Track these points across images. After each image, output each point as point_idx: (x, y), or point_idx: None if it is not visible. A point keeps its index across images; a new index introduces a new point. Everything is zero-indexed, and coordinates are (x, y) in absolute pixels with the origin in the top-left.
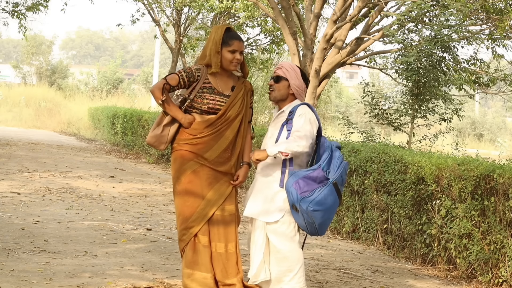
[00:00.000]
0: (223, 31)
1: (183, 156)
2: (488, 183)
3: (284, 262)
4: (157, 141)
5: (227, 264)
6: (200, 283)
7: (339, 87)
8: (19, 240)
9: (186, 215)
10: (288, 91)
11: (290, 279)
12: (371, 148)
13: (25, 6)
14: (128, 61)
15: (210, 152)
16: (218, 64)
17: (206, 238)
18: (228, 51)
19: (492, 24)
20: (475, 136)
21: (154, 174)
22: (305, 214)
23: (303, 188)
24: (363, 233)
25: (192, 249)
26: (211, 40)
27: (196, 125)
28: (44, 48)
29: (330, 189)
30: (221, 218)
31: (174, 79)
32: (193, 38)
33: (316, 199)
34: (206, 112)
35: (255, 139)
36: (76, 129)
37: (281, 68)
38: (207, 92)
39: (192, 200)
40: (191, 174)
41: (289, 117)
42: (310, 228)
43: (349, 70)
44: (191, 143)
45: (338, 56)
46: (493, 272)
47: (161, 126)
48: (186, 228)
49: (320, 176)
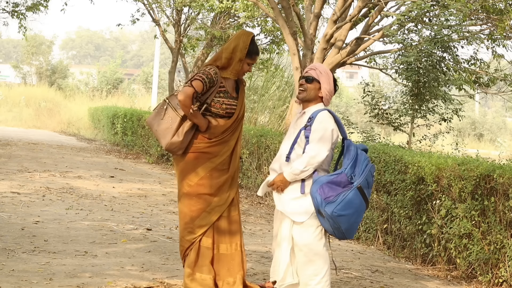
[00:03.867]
0: (249, 41)
1: (197, 158)
2: (488, 183)
3: (310, 265)
4: (177, 147)
5: (232, 264)
6: (200, 284)
7: (339, 87)
8: (19, 240)
9: (193, 216)
10: (317, 94)
11: (317, 282)
12: (371, 148)
13: (25, 6)
14: (128, 61)
15: (218, 157)
16: (238, 71)
17: (210, 240)
18: (247, 63)
19: (492, 24)
20: (475, 136)
21: (154, 174)
22: (330, 220)
23: (328, 193)
24: (363, 233)
25: (195, 250)
26: (235, 47)
27: (214, 129)
28: (44, 48)
29: (354, 193)
30: (226, 221)
31: (200, 86)
32: (193, 38)
33: (341, 204)
34: (221, 116)
35: (255, 139)
36: (76, 129)
37: (315, 70)
38: (223, 96)
39: (200, 202)
40: (203, 177)
41: (308, 123)
42: (337, 233)
43: (349, 70)
44: (205, 147)
45: (338, 56)
46: (493, 272)
47: (182, 134)
48: (191, 230)
49: (344, 181)
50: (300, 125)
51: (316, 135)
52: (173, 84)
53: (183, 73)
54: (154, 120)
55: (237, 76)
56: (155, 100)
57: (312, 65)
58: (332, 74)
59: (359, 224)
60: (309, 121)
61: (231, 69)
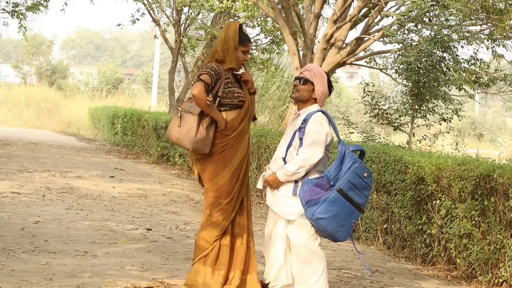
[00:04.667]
0: (237, 29)
1: (224, 158)
2: (488, 183)
3: (307, 265)
4: (203, 144)
5: (236, 257)
6: (215, 281)
7: (339, 87)
8: (19, 240)
9: (229, 191)
10: (311, 95)
11: (315, 281)
12: (371, 148)
13: (25, 6)
14: (128, 61)
15: (240, 151)
16: (237, 58)
17: (228, 237)
18: (241, 50)
19: (492, 24)
20: (475, 136)
21: (154, 174)
22: (313, 222)
23: (310, 196)
24: (363, 233)
25: (216, 248)
26: (226, 37)
27: (231, 123)
28: (44, 48)
29: (334, 196)
30: (238, 215)
31: (208, 79)
32: (193, 38)
33: (320, 207)
34: (235, 106)
35: (255, 139)
36: (76, 129)
37: (309, 71)
38: (232, 86)
39: (229, 189)
40: (233, 174)
41: (302, 125)
42: (324, 235)
43: (349, 70)
44: (227, 143)
45: (338, 56)
46: (493, 272)
47: (204, 129)
48: (224, 208)
49: (325, 184)
50: (295, 126)
51: (309, 138)
52: (173, 84)
53: (183, 73)
54: (172, 132)
55: (238, 64)
56: (155, 100)
57: (307, 66)
58: (327, 75)
59: (353, 227)
60: (303, 123)
61: (229, 59)
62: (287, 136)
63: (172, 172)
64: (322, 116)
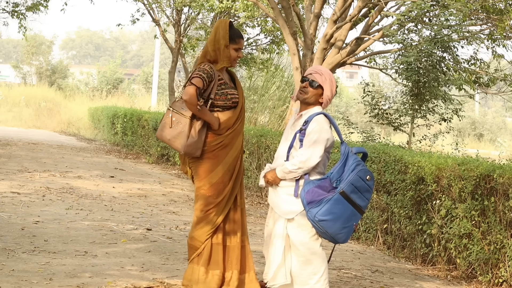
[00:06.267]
0: (227, 26)
1: (217, 156)
2: (488, 183)
3: (308, 265)
4: (194, 148)
5: (231, 256)
6: (211, 280)
7: (339, 87)
8: (19, 240)
9: (219, 190)
10: (318, 99)
11: (315, 281)
12: (371, 148)
13: (25, 6)
14: (128, 61)
15: (233, 149)
16: (229, 57)
17: (220, 236)
18: (233, 48)
19: (492, 24)
20: (475, 136)
21: (154, 174)
22: (314, 224)
23: (312, 197)
24: (363, 233)
25: (208, 247)
26: (216, 36)
27: (225, 123)
28: (44, 48)
29: (337, 198)
30: (232, 212)
31: (199, 82)
32: (193, 38)
33: (322, 209)
34: (228, 107)
35: (255, 139)
36: (76, 129)
37: (321, 75)
38: (225, 88)
39: (215, 200)
40: (226, 172)
41: (303, 126)
42: (325, 236)
43: (349, 70)
44: (221, 142)
45: (338, 56)
46: (493, 272)
47: (196, 133)
48: (204, 229)
49: (327, 185)
50: (296, 127)
51: (309, 140)
52: (173, 84)
53: (183, 73)
54: (164, 132)
55: (231, 63)
56: (155, 100)
57: (318, 69)
58: (334, 79)
59: (353, 229)
60: (304, 125)
61: (221, 58)
62: (287, 136)
63: (172, 172)
64: (323, 119)
